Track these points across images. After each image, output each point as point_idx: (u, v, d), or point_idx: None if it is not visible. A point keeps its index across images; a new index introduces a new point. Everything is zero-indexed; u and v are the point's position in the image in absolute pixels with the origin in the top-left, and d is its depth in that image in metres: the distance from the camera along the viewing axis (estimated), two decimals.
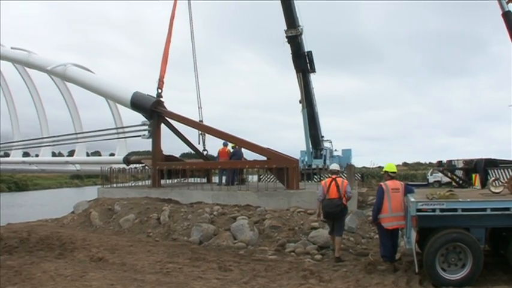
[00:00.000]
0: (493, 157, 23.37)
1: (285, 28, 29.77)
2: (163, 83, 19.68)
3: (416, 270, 7.86)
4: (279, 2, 28.84)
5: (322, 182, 10.56)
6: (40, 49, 28.60)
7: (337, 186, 9.81)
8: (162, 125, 18.99)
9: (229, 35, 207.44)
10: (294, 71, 31.05)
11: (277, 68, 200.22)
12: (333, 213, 9.79)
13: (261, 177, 22.85)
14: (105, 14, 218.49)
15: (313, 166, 27.81)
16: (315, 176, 22.83)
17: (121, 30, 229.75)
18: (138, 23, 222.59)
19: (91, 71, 23.74)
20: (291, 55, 30.64)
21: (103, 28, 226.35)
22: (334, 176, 10.08)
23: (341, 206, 9.78)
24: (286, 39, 30.02)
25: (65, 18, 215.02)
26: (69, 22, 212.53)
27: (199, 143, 21.36)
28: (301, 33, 30.08)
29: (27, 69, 29.67)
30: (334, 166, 10.70)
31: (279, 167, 15.81)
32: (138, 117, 19.97)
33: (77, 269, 8.30)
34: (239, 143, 17.72)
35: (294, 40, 29.96)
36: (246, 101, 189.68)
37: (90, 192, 24.46)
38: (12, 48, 29.67)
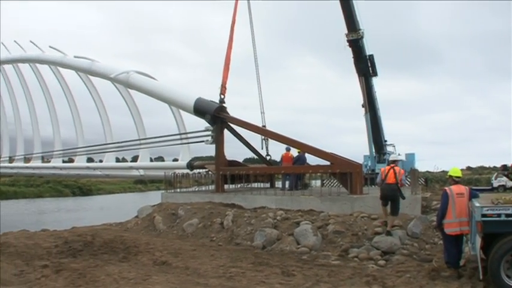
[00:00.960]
0: None
1: (346, 32, 30.14)
2: (225, 88, 20.49)
3: (481, 277, 7.87)
4: (339, 5, 29.22)
5: (382, 169, 12.56)
6: (102, 57, 30.73)
7: (395, 173, 12.04)
8: (225, 131, 19.75)
9: (289, 40, 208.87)
10: (356, 75, 31.42)
11: (338, 72, 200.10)
12: (390, 195, 12.08)
13: (324, 182, 23.19)
14: (165, 21, 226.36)
15: (377, 171, 27.75)
16: None
17: (181, 37, 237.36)
18: (197, 30, 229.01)
19: (154, 78, 25.05)
20: (352, 59, 30.98)
21: (163, 36, 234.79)
22: (392, 165, 12.37)
23: (396, 190, 12.01)
24: (347, 43, 30.39)
25: (126, 27, 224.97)
26: (129, 30, 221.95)
27: (262, 148, 22.05)
28: (362, 37, 30.34)
29: (90, 77, 31.57)
30: (393, 156, 14.00)
31: (342, 171, 16.18)
32: (201, 123, 20.85)
33: (140, 272, 8.65)
34: (302, 147, 18.21)
35: (355, 44, 30.28)
36: (307, 106, 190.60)
37: (154, 197, 25.46)
38: (75, 57, 31.68)
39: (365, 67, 30.97)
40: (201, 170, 21.83)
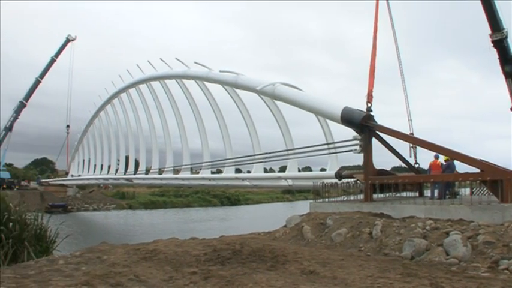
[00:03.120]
0: None
1: (489, 32, 30.15)
2: (371, 96, 21.37)
3: None
4: (481, 6, 29.36)
5: None
6: (244, 71, 33.52)
7: None
8: (373, 139, 20.48)
9: (428, 44, 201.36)
10: (503, 77, 31.15)
11: (482, 75, 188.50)
12: None
13: (474, 190, 23.06)
14: (305, 33, 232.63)
15: None
16: None
17: (322, 47, 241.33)
18: (338, 40, 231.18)
19: (299, 89, 26.99)
20: (498, 60, 30.77)
21: (304, 47, 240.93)
22: None
23: None
24: (492, 44, 30.42)
25: (267, 40, 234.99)
26: (271, 44, 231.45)
27: (410, 156, 22.75)
28: (506, 36, 30.11)
29: (236, 90, 34.83)
30: None
31: (493, 179, 16.25)
32: (348, 132, 21.87)
33: (287, 281, 8.89)
34: (450, 155, 18.52)
35: (500, 44, 30.16)
36: (451, 111, 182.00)
37: (301, 207, 26.86)
38: (220, 71, 35.06)
39: None
40: (349, 180, 22.65)
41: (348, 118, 21.18)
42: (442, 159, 19.89)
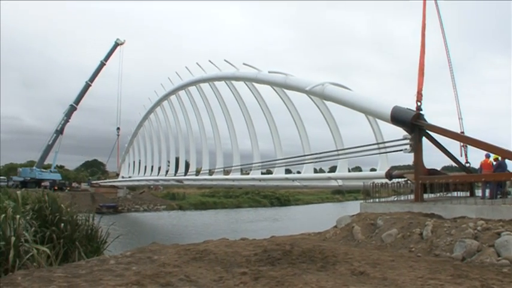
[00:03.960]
0: None
1: None
2: (421, 95, 21.23)
3: None
4: None
5: None
6: (292, 71, 33.86)
7: None
8: (423, 138, 20.41)
9: (475, 41, 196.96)
10: None
11: None
12: None
13: None
14: (352, 33, 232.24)
15: None
16: None
17: (370, 47, 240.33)
18: (386, 39, 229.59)
19: (348, 88, 27.19)
20: None
21: (352, 47, 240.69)
22: None
23: None
24: None
25: (315, 41, 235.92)
26: (318, 44, 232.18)
27: (461, 156, 22.43)
28: None
29: (285, 90, 35.35)
30: None
31: None
32: (398, 132, 21.83)
33: (338, 281, 8.92)
34: (503, 153, 18.28)
35: None
36: (499, 110, 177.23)
37: (351, 207, 26.80)
38: (269, 72, 35.62)
39: None
40: (399, 180, 22.56)
41: (398, 117, 21.21)
42: (492, 158, 19.74)
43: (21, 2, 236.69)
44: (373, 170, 28.96)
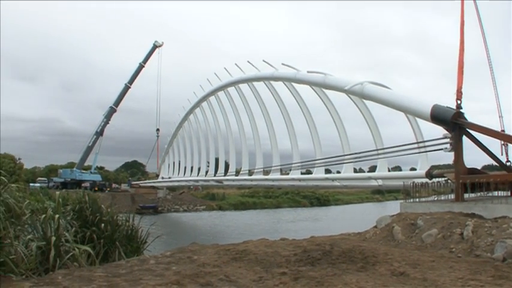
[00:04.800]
0: None
1: None
2: (461, 93, 21.04)
3: None
4: None
5: None
6: (330, 71, 33.82)
7: None
8: (463, 137, 20.20)
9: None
10: None
11: None
12: None
13: None
14: (389, 31, 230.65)
15: None
16: None
17: (407, 45, 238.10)
18: (423, 37, 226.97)
19: (387, 87, 27.20)
20: None
21: (389, 45, 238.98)
22: None
23: None
24: None
25: (352, 40, 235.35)
26: (356, 43, 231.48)
27: (501, 154, 22.24)
28: None
29: (324, 90, 35.61)
30: None
31: None
32: (438, 131, 21.78)
33: (377, 282, 8.95)
34: None
35: None
36: None
37: (391, 207, 26.65)
38: (308, 72, 35.93)
39: None
40: (439, 179, 22.39)
41: (438, 116, 21.15)
42: None
43: (61, 8, 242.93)
44: (413, 169, 28.84)
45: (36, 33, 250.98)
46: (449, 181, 21.19)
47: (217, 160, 69.75)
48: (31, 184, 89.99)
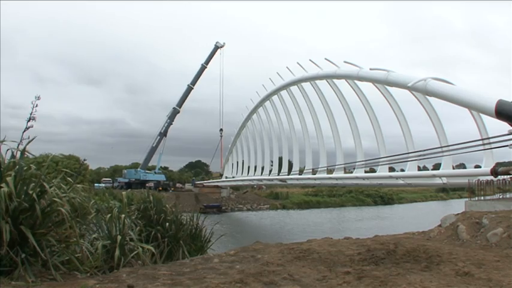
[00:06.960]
0: None
1: None
2: None
3: None
4: None
5: None
6: (391, 68, 33.53)
7: None
8: None
9: None
10: None
11: None
12: None
13: None
14: (449, 26, 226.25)
15: None
16: None
17: (468, 40, 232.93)
18: (484, 31, 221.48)
19: (450, 83, 26.87)
20: None
21: (449, 40, 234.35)
22: None
23: None
24: None
25: (412, 36, 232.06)
26: (416, 39, 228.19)
27: None
28: None
29: (387, 87, 35.69)
30: None
31: None
32: (503, 127, 21.67)
33: (441, 282, 9.01)
34: None
35: None
36: None
37: (456, 205, 26.42)
38: (370, 69, 36.03)
39: None
40: (505, 176, 22.31)
41: (503, 111, 20.89)
42: None
43: (126, 12, 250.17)
44: (477, 166, 28.49)
45: (103, 38, 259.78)
46: None
47: (280, 159, 70.25)
48: (96, 184, 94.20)
